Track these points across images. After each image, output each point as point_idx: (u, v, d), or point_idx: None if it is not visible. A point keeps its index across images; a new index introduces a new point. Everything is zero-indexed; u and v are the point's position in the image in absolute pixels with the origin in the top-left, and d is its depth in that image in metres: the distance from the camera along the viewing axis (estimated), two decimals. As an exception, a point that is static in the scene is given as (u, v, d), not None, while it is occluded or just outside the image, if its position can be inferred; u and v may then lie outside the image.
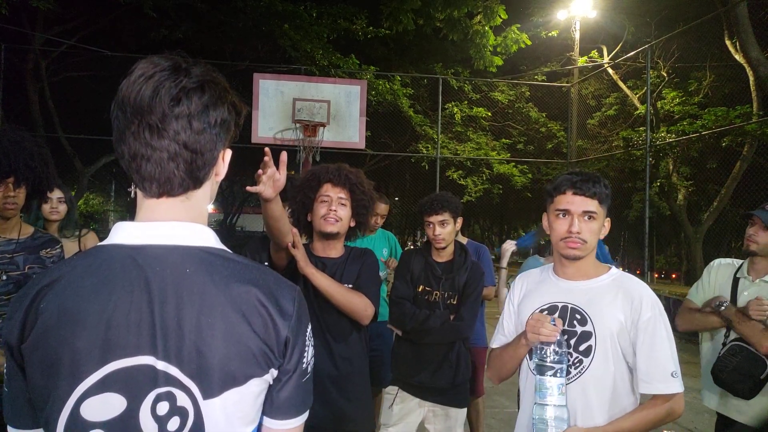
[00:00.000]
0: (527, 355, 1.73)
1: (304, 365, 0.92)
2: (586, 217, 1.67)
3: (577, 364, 1.64)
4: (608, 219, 1.74)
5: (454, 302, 2.73)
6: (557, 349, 1.59)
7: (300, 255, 2.01)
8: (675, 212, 12.45)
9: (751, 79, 9.81)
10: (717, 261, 2.57)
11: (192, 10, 9.78)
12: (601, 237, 1.73)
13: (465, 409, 2.83)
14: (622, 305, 1.65)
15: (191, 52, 0.89)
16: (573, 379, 1.64)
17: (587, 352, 1.64)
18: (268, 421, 0.92)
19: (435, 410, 2.76)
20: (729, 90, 11.18)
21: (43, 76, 10.63)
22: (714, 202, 11.59)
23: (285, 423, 0.92)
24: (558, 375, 1.59)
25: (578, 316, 1.68)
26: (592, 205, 1.67)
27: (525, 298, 1.84)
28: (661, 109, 12.25)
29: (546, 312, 1.70)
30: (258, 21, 9.84)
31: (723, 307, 2.31)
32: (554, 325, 1.60)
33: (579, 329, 1.66)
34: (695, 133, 9.97)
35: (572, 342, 1.66)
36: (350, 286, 2.18)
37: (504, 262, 3.56)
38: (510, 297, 1.91)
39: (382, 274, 3.33)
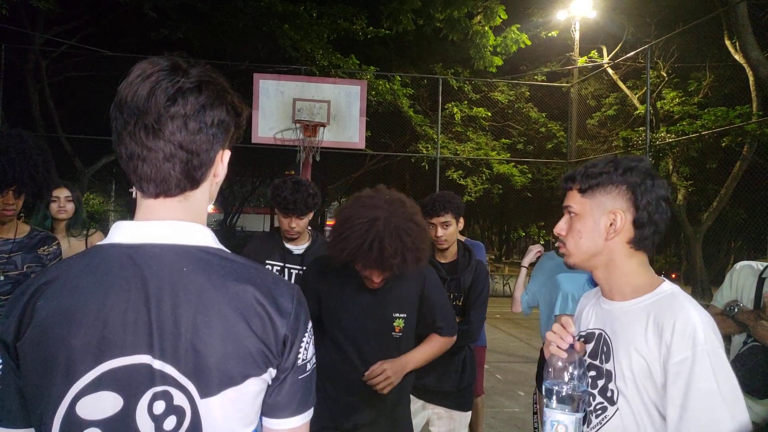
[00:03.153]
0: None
1: (301, 362, 0.91)
2: (567, 214, 1.34)
3: (599, 412, 1.26)
4: (617, 211, 1.25)
5: (460, 303, 2.69)
6: (573, 372, 1.20)
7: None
8: (675, 212, 12.45)
9: (751, 79, 9.83)
10: (739, 264, 2.46)
11: (192, 10, 9.78)
12: (609, 238, 1.26)
13: (469, 412, 2.79)
14: (650, 339, 1.18)
15: (191, 53, 0.89)
16: (594, 429, 1.28)
17: (612, 399, 1.24)
18: (267, 421, 0.91)
19: (439, 413, 2.72)
20: (728, 90, 11.21)
21: (43, 76, 10.62)
22: (714, 202, 11.61)
23: (284, 422, 0.91)
24: (566, 410, 1.19)
25: (605, 349, 1.27)
26: (570, 198, 1.32)
27: (575, 321, 1.44)
28: (661, 109, 12.27)
29: (582, 340, 1.32)
30: (258, 21, 9.84)
31: (736, 310, 2.25)
32: (572, 346, 1.23)
33: (604, 367, 1.26)
34: (695, 133, 9.97)
35: (599, 383, 1.27)
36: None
37: (526, 261, 3.28)
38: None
39: None
